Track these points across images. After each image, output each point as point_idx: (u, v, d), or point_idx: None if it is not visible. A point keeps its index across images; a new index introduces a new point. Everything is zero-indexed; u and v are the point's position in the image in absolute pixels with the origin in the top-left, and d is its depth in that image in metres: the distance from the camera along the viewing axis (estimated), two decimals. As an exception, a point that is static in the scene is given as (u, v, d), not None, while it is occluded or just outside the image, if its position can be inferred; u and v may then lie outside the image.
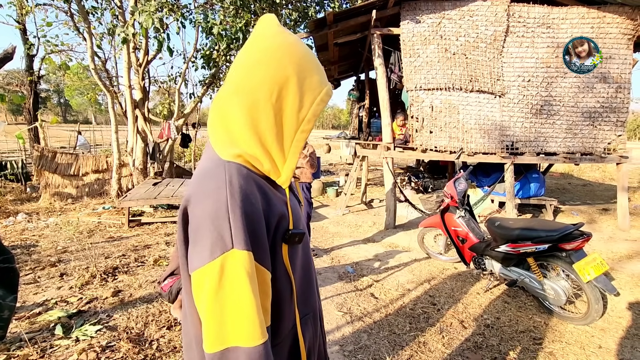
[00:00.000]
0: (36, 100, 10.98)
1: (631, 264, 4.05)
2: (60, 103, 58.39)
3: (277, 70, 0.68)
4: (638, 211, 6.37)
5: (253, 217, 0.63)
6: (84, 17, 6.37)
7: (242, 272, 0.59)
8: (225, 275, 0.59)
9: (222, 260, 0.59)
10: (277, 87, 0.68)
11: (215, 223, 0.60)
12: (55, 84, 37.00)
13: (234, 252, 0.59)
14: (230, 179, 0.64)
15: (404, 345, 2.47)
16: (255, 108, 0.68)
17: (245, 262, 0.60)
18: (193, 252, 0.62)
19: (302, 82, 0.70)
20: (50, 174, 7.00)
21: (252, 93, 0.68)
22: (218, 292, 0.59)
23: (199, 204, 0.63)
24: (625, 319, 2.87)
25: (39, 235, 4.89)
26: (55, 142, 14.12)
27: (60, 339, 2.46)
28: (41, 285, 3.32)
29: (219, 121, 0.72)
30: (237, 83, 0.70)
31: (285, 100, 0.70)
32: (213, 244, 0.59)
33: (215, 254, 0.59)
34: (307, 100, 0.72)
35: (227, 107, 0.71)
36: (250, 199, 0.64)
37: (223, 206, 0.61)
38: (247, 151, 0.69)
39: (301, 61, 0.71)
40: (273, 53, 0.69)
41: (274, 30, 0.73)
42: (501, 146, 5.43)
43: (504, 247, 2.98)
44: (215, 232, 0.60)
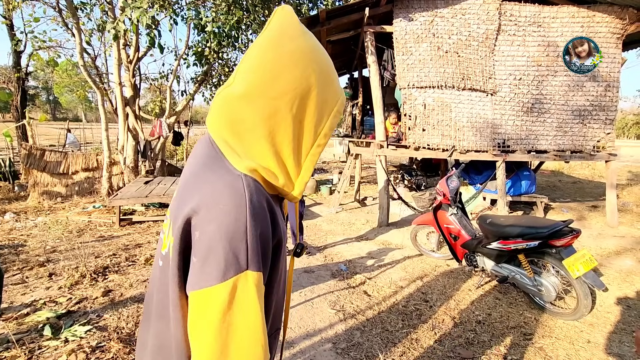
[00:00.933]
0: (24, 97, 10.78)
1: (619, 259, 4.12)
2: (49, 100, 57.42)
3: (302, 78, 0.63)
4: (626, 208, 6.48)
5: (266, 238, 0.61)
6: (72, 13, 6.25)
7: (254, 294, 0.58)
8: (237, 297, 0.57)
9: (235, 282, 0.57)
10: (299, 97, 0.63)
11: (232, 243, 0.57)
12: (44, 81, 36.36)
13: (248, 274, 0.57)
14: (252, 197, 0.60)
15: (396, 342, 2.48)
16: (274, 117, 0.63)
17: (257, 283, 0.59)
18: (200, 270, 0.58)
19: (322, 92, 0.66)
20: (39, 172, 6.87)
21: (273, 100, 0.63)
22: (227, 314, 0.56)
23: (215, 220, 0.58)
24: (614, 314, 2.92)
25: (27, 234, 4.80)
26: (44, 140, 13.87)
27: (49, 340, 2.42)
28: (29, 286, 3.26)
29: (229, 125, 0.65)
30: (255, 86, 0.63)
31: (305, 112, 0.65)
32: (227, 265, 0.56)
33: (228, 275, 0.56)
34: (325, 113, 0.68)
35: (240, 111, 0.64)
36: (266, 219, 0.62)
37: (242, 226, 0.57)
38: (262, 164, 0.64)
39: (323, 69, 0.67)
40: (299, 58, 0.63)
41: (298, 30, 0.66)
42: (493, 144, 5.47)
43: (496, 244, 3.01)
44: (230, 253, 0.56)
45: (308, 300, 3.08)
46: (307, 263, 3.93)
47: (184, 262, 0.63)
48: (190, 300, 0.59)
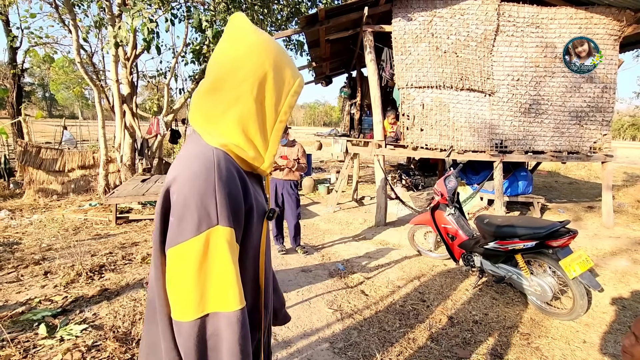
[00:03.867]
0: (20, 93, 10.69)
1: (615, 260, 4.15)
2: (46, 97, 56.99)
3: (257, 66, 0.74)
4: (622, 209, 6.52)
5: (235, 199, 0.69)
6: (69, 9, 6.20)
7: (225, 245, 0.66)
8: (211, 249, 0.65)
9: (208, 234, 0.65)
10: (257, 82, 0.75)
11: (204, 201, 0.65)
12: (40, 78, 36.08)
13: (219, 228, 0.66)
14: (219, 162, 0.69)
15: (393, 342, 2.48)
16: (239, 101, 0.74)
17: (228, 236, 0.67)
18: (177, 227, 0.66)
19: (277, 76, 0.77)
20: (35, 169, 6.82)
21: (236, 88, 0.74)
22: (203, 263, 0.65)
23: (188, 183, 0.66)
24: (609, 314, 2.94)
25: (22, 232, 4.77)
26: (40, 137, 13.76)
27: (44, 339, 2.40)
28: (24, 284, 3.23)
29: (203, 114, 0.77)
30: (219, 79, 0.75)
31: (265, 94, 0.76)
32: (200, 220, 0.65)
33: (202, 229, 0.65)
34: (283, 93, 0.79)
35: (210, 101, 0.76)
36: (234, 182, 0.70)
37: (211, 186, 0.66)
38: (232, 141, 0.74)
39: (276, 57, 0.77)
40: (252, 50, 0.74)
41: (250, 28, 0.77)
42: (490, 144, 5.49)
43: (493, 244, 3.02)
44: (202, 209, 0.65)
45: (305, 299, 3.07)
46: (304, 262, 3.92)
47: (164, 227, 0.71)
48: (168, 258, 0.67)
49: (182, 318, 0.65)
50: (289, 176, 4.00)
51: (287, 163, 3.94)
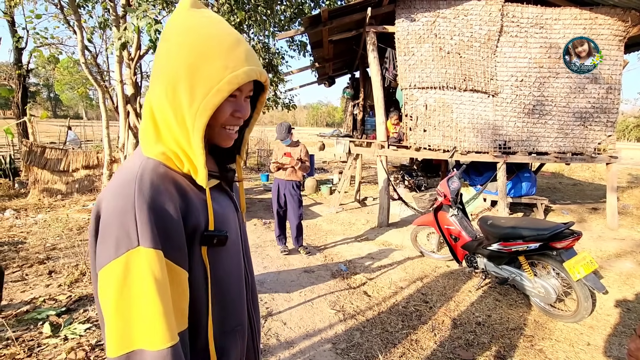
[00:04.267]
0: (25, 94, 10.77)
1: (619, 262, 4.12)
2: (50, 97, 57.42)
3: (169, 65, 0.66)
4: (626, 210, 6.48)
5: (164, 214, 0.61)
6: (74, 10, 6.24)
7: (148, 271, 0.57)
8: (131, 273, 0.57)
9: (127, 258, 0.57)
10: (170, 83, 0.65)
11: (122, 219, 0.58)
12: (45, 78, 36.36)
13: (140, 250, 0.57)
14: (142, 174, 0.62)
15: (396, 343, 2.48)
16: (162, 105, 0.67)
17: (152, 260, 0.57)
18: (100, 249, 0.59)
19: (194, 73, 0.64)
20: (39, 169, 6.87)
21: (158, 88, 0.67)
22: (123, 291, 0.57)
23: (109, 200, 0.61)
24: (613, 317, 2.91)
25: (27, 232, 4.80)
26: (44, 137, 13.87)
27: (48, 338, 2.41)
28: (29, 283, 3.26)
29: (149, 114, 0.70)
30: (150, 86, 0.70)
31: (180, 96, 0.65)
32: (119, 241, 0.57)
33: (120, 251, 0.57)
34: (199, 93, 0.65)
35: (151, 101, 0.70)
36: (162, 195, 0.62)
37: (130, 202, 0.58)
38: (170, 149, 0.68)
39: (196, 48, 0.65)
40: (170, 52, 0.66)
41: (181, 16, 0.68)
42: (494, 145, 5.47)
43: (496, 246, 3.01)
44: (121, 229, 0.58)
45: (308, 300, 3.08)
46: (307, 263, 3.93)
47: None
48: (98, 282, 0.60)
49: (108, 353, 0.57)
50: (291, 177, 4.01)
51: (290, 162, 3.94)
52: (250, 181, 9.62)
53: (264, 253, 4.17)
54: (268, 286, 3.31)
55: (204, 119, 0.65)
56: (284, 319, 2.75)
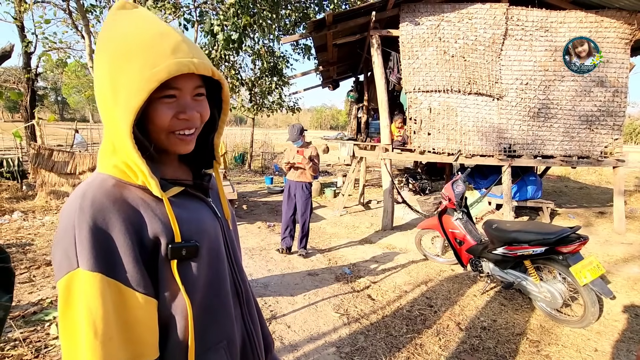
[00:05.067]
0: (33, 97, 10.90)
1: (627, 267, 4.07)
2: (58, 101, 58.12)
3: (96, 74, 0.62)
4: (634, 214, 6.40)
5: (108, 234, 0.56)
6: (82, 15, 6.34)
7: (84, 295, 0.53)
8: (71, 296, 0.54)
9: (68, 280, 0.54)
10: (99, 90, 0.62)
11: (63, 242, 0.55)
12: (53, 82, 36.82)
13: (79, 273, 0.54)
14: (85, 191, 0.58)
15: (400, 347, 2.47)
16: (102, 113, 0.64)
17: (90, 284, 0.53)
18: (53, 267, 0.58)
19: (116, 75, 0.59)
20: (47, 172, 6.95)
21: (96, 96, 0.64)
22: (65, 314, 0.54)
23: (59, 219, 0.59)
24: (621, 322, 2.88)
25: (34, 233, 4.86)
26: (52, 140, 14.03)
27: (55, 339, 2.44)
28: (36, 285, 3.29)
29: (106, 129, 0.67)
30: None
31: (108, 103, 0.61)
32: (61, 262, 0.55)
33: (60, 274, 0.54)
34: (121, 97, 0.59)
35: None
36: (106, 212, 0.57)
37: (70, 221, 0.56)
38: (122, 160, 0.62)
39: (116, 50, 0.59)
40: (96, 55, 0.62)
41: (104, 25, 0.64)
42: (499, 148, 5.44)
43: (501, 250, 2.99)
44: (62, 252, 0.55)
45: (312, 303, 3.08)
46: (311, 266, 3.93)
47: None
48: None
49: None
50: (301, 178, 4.05)
51: (302, 160, 3.96)
52: (254, 184, 9.65)
53: (268, 256, 4.18)
54: (272, 289, 3.32)
55: (126, 123, 0.58)
56: (288, 322, 2.76)
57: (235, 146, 15.11)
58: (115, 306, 0.55)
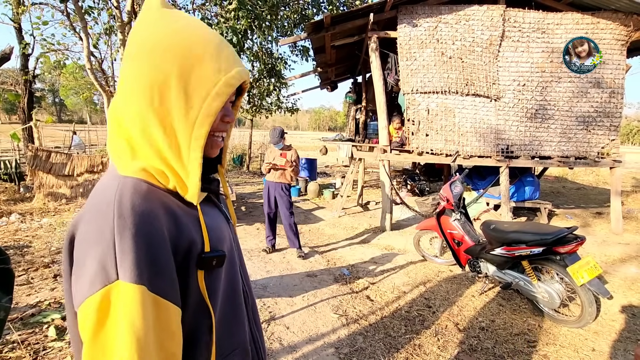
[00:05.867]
0: (31, 99, 10.90)
1: (624, 267, 4.09)
2: (55, 102, 58.00)
3: (155, 70, 0.57)
4: (631, 215, 6.43)
5: (152, 241, 0.52)
6: (80, 17, 6.33)
7: (127, 310, 0.48)
8: (110, 314, 0.48)
9: (104, 295, 0.48)
10: (156, 89, 0.57)
11: (98, 249, 0.50)
12: (50, 84, 36.75)
13: (119, 285, 0.49)
14: (121, 196, 0.54)
15: (399, 348, 2.47)
16: (142, 116, 0.58)
17: (133, 297, 0.49)
18: (76, 284, 0.51)
19: (187, 76, 0.58)
20: (44, 174, 6.93)
21: (137, 99, 0.58)
22: (98, 334, 0.48)
23: (83, 230, 0.53)
24: (618, 322, 2.90)
25: (32, 235, 4.84)
26: (49, 141, 14.00)
27: (54, 341, 2.43)
28: (34, 287, 3.28)
29: (117, 129, 0.62)
30: (123, 89, 0.60)
31: (170, 103, 0.58)
32: (93, 276, 0.49)
33: (94, 288, 0.48)
34: (196, 98, 0.59)
35: (120, 113, 0.61)
36: (148, 218, 0.54)
37: (108, 231, 0.50)
38: (151, 164, 0.59)
39: (186, 50, 0.59)
40: (152, 48, 0.58)
41: (154, 16, 0.60)
42: (496, 149, 5.47)
43: (499, 250, 3.00)
44: (96, 262, 0.49)
45: (311, 304, 3.08)
46: (309, 267, 3.93)
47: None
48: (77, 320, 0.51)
49: None
50: (280, 179, 4.15)
51: (285, 163, 4.04)
52: (253, 185, 9.65)
53: (267, 257, 4.18)
54: (271, 290, 3.32)
55: (207, 126, 0.60)
56: (286, 323, 2.76)
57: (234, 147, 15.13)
58: (154, 322, 0.51)
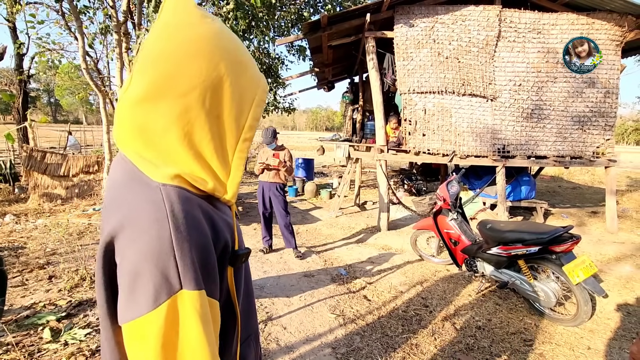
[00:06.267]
0: (25, 99, 10.81)
1: (619, 266, 4.12)
2: (51, 103, 57.62)
3: (209, 68, 0.56)
4: (626, 214, 6.48)
5: (203, 249, 0.55)
6: (75, 17, 6.29)
7: (193, 315, 0.51)
8: (174, 322, 0.50)
9: (170, 305, 0.50)
10: (210, 89, 0.57)
11: (159, 264, 0.50)
12: (46, 84, 36.51)
13: (183, 294, 0.50)
14: (172, 206, 0.53)
15: (396, 347, 2.48)
16: (186, 116, 0.56)
17: (196, 303, 0.51)
18: (129, 300, 0.51)
19: (237, 81, 0.59)
20: (39, 174, 6.88)
21: (180, 98, 0.55)
22: (167, 342, 0.50)
23: (135, 242, 0.51)
24: (614, 321, 2.91)
25: (27, 237, 4.80)
26: (44, 142, 13.89)
27: (49, 343, 2.41)
28: (29, 288, 3.26)
29: (138, 135, 0.57)
30: (157, 85, 0.55)
31: (222, 105, 0.59)
32: (157, 289, 0.49)
33: (160, 300, 0.49)
34: (245, 103, 0.62)
35: (146, 116, 0.56)
36: (199, 226, 0.55)
37: (166, 242, 0.50)
38: (185, 170, 0.57)
39: (232, 55, 0.59)
40: (202, 46, 0.56)
41: (197, 14, 0.58)
42: (493, 149, 5.49)
43: (496, 250, 3.02)
44: (158, 275, 0.50)
45: (308, 304, 3.08)
46: (307, 267, 3.93)
47: (113, 295, 0.56)
48: (124, 333, 0.52)
49: None
50: (275, 179, 4.15)
51: (278, 164, 4.04)
52: (250, 185, 9.63)
53: (264, 258, 4.17)
54: (268, 290, 3.31)
55: (254, 130, 0.63)
56: (284, 324, 2.75)
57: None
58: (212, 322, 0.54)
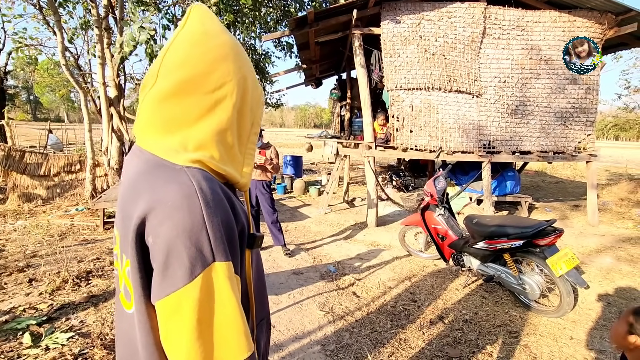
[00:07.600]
0: (3, 96, 10.45)
1: (600, 257, 4.24)
2: (30, 100, 55.80)
3: (236, 69, 0.66)
4: (606, 207, 6.68)
5: (229, 224, 0.59)
6: (53, 11, 6.09)
7: (227, 285, 0.56)
8: (210, 293, 0.55)
9: (204, 277, 0.54)
10: (237, 87, 0.66)
11: (192, 237, 0.54)
12: (24, 80, 35.31)
13: (216, 266, 0.55)
14: (200, 184, 0.57)
15: (385, 343, 2.49)
16: (217, 108, 0.64)
17: (227, 272, 0.56)
18: (164, 276, 0.54)
19: (253, 82, 0.71)
20: (19, 174, 6.65)
21: (211, 93, 0.63)
22: (203, 312, 0.54)
23: (167, 219, 0.54)
24: (595, 311, 3.00)
25: (5, 239, 4.64)
26: (24, 141, 13.44)
27: (29, 348, 2.34)
28: (8, 292, 3.14)
29: (163, 126, 0.63)
30: (187, 82, 0.62)
31: (244, 101, 0.68)
32: (192, 262, 0.54)
33: (196, 272, 0.54)
34: (255, 101, 0.72)
35: (174, 109, 0.62)
36: (224, 204, 0.60)
37: (198, 217, 0.55)
38: (207, 155, 0.63)
39: (247, 59, 0.71)
40: (228, 52, 0.65)
41: (220, 26, 0.68)
42: (479, 145, 5.56)
43: (482, 244, 3.06)
44: (192, 249, 0.54)
45: (297, 302, 3.06)
46: (295, 265, 3.91)
47: (147, 277, 0.58)
48: (159, 311, 0.56)
49: None
50: (261, 177, 4.14)
51: (265, 161, 4.02)
52: (238, 183, 9.53)
53: (253, 256, 4.13)
54: (257, 289, 3.29)
55: (260, 126, 0.76)
56: (272, 322, 2.73)
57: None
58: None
